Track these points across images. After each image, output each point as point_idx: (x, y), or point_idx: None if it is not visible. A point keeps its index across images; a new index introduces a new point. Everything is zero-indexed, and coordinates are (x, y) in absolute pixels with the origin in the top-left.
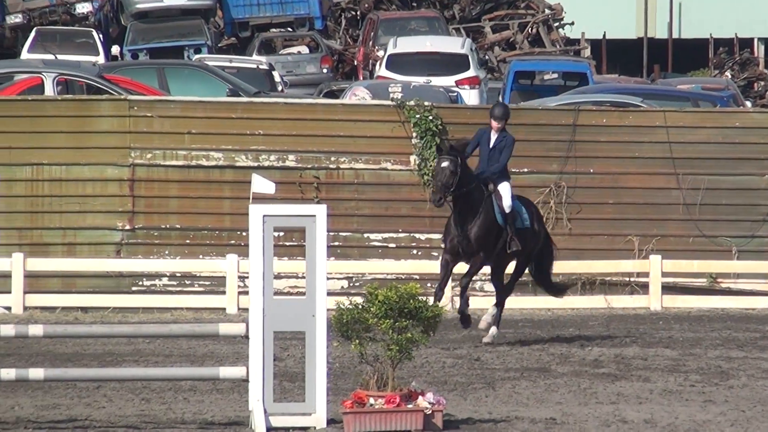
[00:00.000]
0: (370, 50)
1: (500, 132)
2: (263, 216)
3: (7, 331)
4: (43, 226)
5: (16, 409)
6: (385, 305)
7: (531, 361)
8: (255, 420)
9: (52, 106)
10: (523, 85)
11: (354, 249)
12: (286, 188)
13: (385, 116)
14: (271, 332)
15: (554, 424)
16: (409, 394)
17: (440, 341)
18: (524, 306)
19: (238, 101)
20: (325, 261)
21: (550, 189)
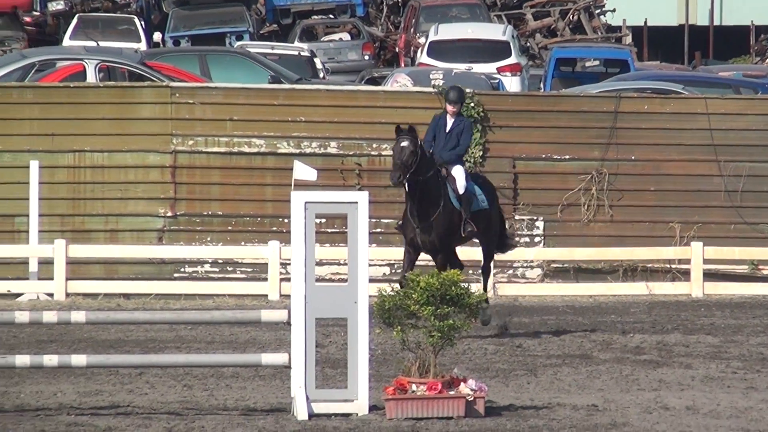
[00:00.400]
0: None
1: (456, 116)
2: (305, 203)
3: (49, 317)
4: (85, 213)
5: (58, 395)
6: (427, 292)
7: (573, 347)
8: (297, 406)
9: (94, 93)
10: (564, 72)
11: (396, 236)
12: (327, 175)
13: (427, 103)
14: (313, 319)
15: (596, 411)
16: (451, 380)
17: (482, 328)
18: (565, 293)
19: (280, 88)
20: (367, 247)
21: (591, 176)
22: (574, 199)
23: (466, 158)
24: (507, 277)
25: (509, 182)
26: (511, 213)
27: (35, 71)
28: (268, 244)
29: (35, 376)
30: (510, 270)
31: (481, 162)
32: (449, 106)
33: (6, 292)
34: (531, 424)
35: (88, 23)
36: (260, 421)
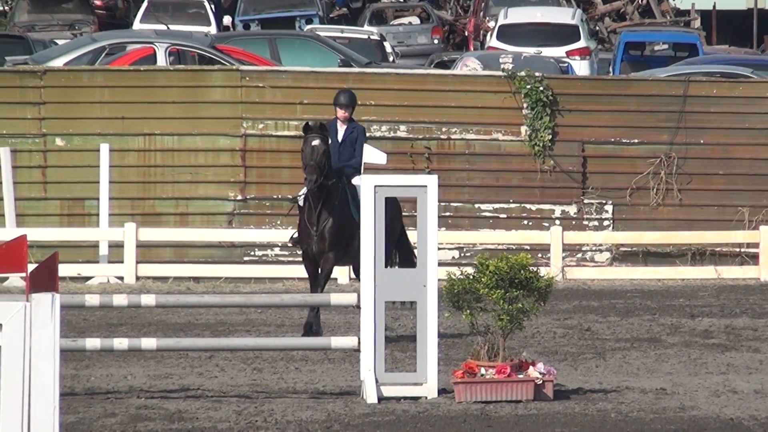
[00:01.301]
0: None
1: (348, 122)
2: (375, 186)
3: (119, 300)
4: (155, 197)
5: (128, 378)
6: (496, 275)
7: (641, 331)
8: (366, 389)
9: (164, 77)
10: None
11: (465, 219)
12: (397, 159)
13: (496, 87)
14: (382, 302)
15: (664, 394)
16: (520, 364)
17: (551, 311)
18: (634, 277)
19: (350, 71)
20: (437, 231)
21: (660, 160)
22: (643, 182)
23: (536, 142)
24: (576, 261)
25: (578, 166)
26: (580, 197)
27: (105, 55)
28: None
29: (105, 360)
30: (579, 254)
31: (550, 146)
32: (339, 111)
33: (76, 276)
34: (599, 408)
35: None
36: (330, 404)
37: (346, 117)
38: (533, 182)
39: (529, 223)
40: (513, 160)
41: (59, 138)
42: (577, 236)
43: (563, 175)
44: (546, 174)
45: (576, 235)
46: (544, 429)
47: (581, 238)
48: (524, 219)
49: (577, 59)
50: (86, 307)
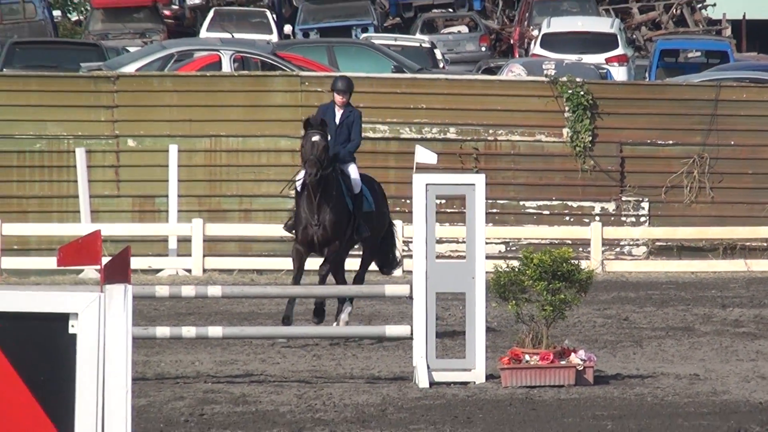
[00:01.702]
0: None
1: (345, 107)
2: (426, 185)
3: (188, 291)
4: (220, 194)
5: (196, 364)
6: (539, 268)
7: (676, 320)
8: (419, 375)
9: (229, 82)
10: (668, 62)
11: (510, 216)
12: (447, 159)
13: (540, 91)
14: (433, 293)
15: (697, 380)
16: (562, 351)
17: (591, 302)
18: (669, 269)
19: (403, 77)
20: (484, 227)
21: (693, 160)
22: (677, 181)
23: (577, 143)
24: (614, 255)
25: (616, 166)
26: (619, 195)
27: (174, 61)
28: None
29: (174, 347)
30: (617, 248)
31: (590, 147)
32: (337, 96)
33: (147, 268)
34: (637, 392)
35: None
36: (384, 388)
37: (344, 102)
38: (574, 181)
39: (570, 219)
40: (555, 160)
41: (131, 139)
42: (616, 231)
43: (602, 174)
44: (586, 173)
45: (614, 231)
46: (585, 412)
47: (619, 233)
48: (566, 215)
49: (616, 66)
50: (156, 297)
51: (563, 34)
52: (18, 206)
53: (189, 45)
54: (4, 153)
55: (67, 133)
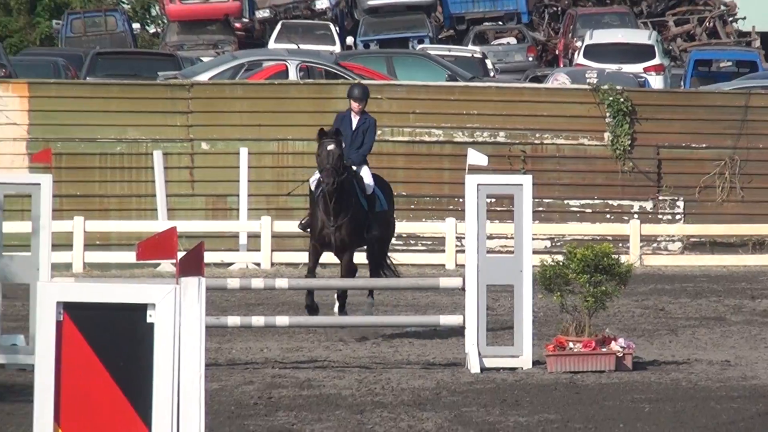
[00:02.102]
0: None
1: (362, 114)
2: (477, 185)
3: (257, 284)
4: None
5: (264, 351)
6: (582, 262)
7: (708, 311)
8: (470, 361)
9: (295, 90)
10: (701, 71)
11: (555, 213)
12: (497, 161)
13: (583, 98)
14: (484, 285)
15: (728, 366)
16: (603, 339)
17: (630, 294)
18: (702, 264)
19: (456, 85)
20: (531, 224)
21: (725, 162)
22: (709, 182)
23: (617, 146)
24: (652, 250)
25: (654, 167)
26: (656, 194)
27: (244, 70)
28: (445, 221)
29: (244, 335)
30: (654, 244)
31: (630, 150)
32: (354, 104)
33: (219, 262)
34: (672, 377)
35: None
36: (438, 373)
37: (360, 109)
38: (614, 181)
39: (611, 217)
40: (597, 162)
41: (204, 143)
42: (653, 228)
43: (641, 175)
44: (626, 174)
45: (652, 228)
46: (624, 396)
47: (656, 230)
48: (607, 213)
49: (653, 74)
50: (228, 289)
51: (604, 45)
52: (100, 204)
53: (258, 55)
54: (88, 155)
55: (145, 137)
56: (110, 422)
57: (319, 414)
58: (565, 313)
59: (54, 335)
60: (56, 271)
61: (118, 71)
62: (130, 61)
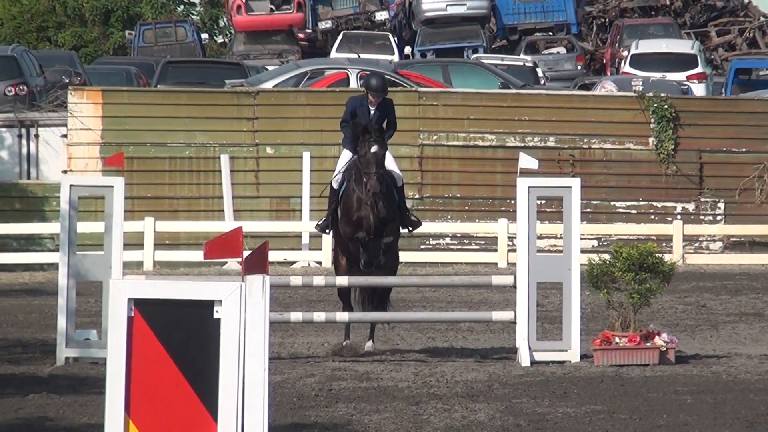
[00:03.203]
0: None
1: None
2: (528, 187)
3: (318, 281)
4: None
5: (325, 345)
6: (628, 261)
7: (747, 307)
8: (521, 355)
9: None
10: (742, 80)
11: (602, 214)
12: (547, 164)
13: (629, 105)
14: (534, 283)
15: (767, 360)
16: (648, 334)
17: (673, 291)
18: (742, 262)
19: (508, 92)
20: (579, 224)
21: (763, 165)
22: (749, 184)
23: (661, 151)
24: (694, 249)
25: (696, 170)
26: (698, 196)
27: (307, 78)
28: (497, 221)
29: (306, 330)
30: (696, 243)
31: (673, 154)
32: (371, 97)
33: (283, 261)
34: (713, 370)
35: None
36: (490, 367)
37: (376, 102)
38: (659, 184)
39: (655, 217)
40: (642, 165)
41: (269, 147)
42: (695, 229)
43: (683, 178)
44: (669, 177)
45: (694, 228)
46: (668, 388)
47: (698, 230)
48: (651, 214)
49: (696, 82)
50: (291, 286)
51: (649, 54)
52: (169, 206)
53: (320, 64)
54: (158, 159)
55: (212, 142)
56: (178, 414)
57: (377, 405)
58: (611, 310)
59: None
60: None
61: (187, 79)
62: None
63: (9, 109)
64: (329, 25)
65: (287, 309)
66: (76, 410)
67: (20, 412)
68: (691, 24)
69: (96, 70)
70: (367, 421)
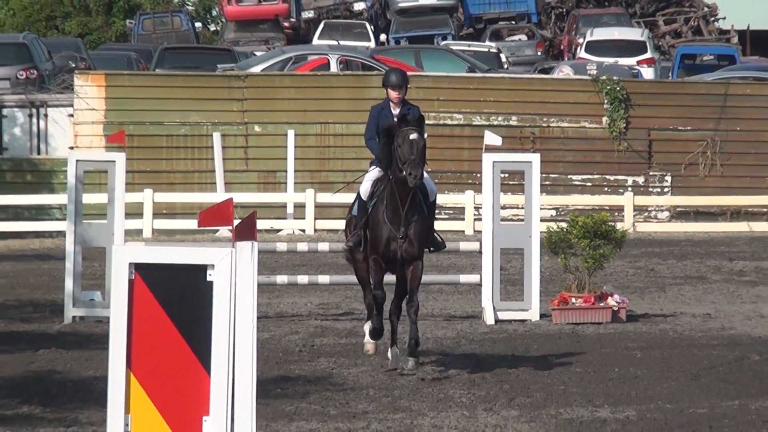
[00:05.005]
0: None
1: (402, 104)
2: (493, 162)
3: (302, 247)
4: (329, 169)
5: (308, 305)
6: (583, 229)
7: (692, 271)
8: (486, 314)
9: (335, 80)
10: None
11: (560, 187)
12: (509, 141)
13: (584, 87)
14: (498, 249)
15: (709, 318)
16: (601, 295)
17: (624, 256)
18: (687, 230)
19: (474, 76)
20: (539, 196)
21: (707, 142)
22: (693, 159)
23: (613, 129)
24: (643, 218)
25: (645, 147)
26: (647, 170)
27: (292, 63)
28: (465, 193)
29: (291, 291)
30: (645, 213)
31: (624, 132)
32: (392, 92)
33: (269, 229)
34: (661, 328)
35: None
36: (458, 325)
37: (400, 98)
38: (611, 159)
39: (608, 189)
40: (596, 142)
41: (257, 125)
42: (644, 200)
43: (634, 154)
44: (621, 153)
45: (643, 199)
46: (619, 344)
47: (647, 201)
48: (604, 186)
49: (645, 67)
50: (277, 251)
51: (603, 41)
52: (166, 179)
53: (303, 50)
54: (156, 136)
55: (205, 121)
56: (175, 367)
57: (355, 360)
58: (568, 273)
59: (127, 292)
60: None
61: (182, 64)
62: (192, 55)
63: (21, 91)
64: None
65: (273, 272)
66: (82, 364)
67: (32, 365)
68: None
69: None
70: (346, 374)
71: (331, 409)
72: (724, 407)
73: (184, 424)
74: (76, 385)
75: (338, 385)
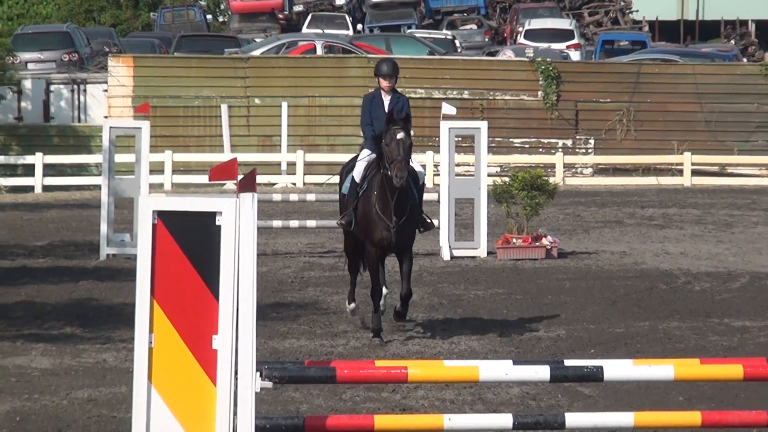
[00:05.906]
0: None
1: (392, 93)
2: (449, 128)
3: (293, 197)
4: (315, 134)
5: (298, 245)
6: (522, 182)
7: (611, 216)
8: (443, 252)
9: (321, 62)
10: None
11: (503, 148)
12: (463, 111)
13: (523, 67)
14: (453, 199)
15: (625, 255)
16: (537, 236)
17: (556, 204)
18: (606, 183)
19: (434, 58)
20: (486, 155)
21: (623, 112)
22: (612, 126)
23: (547, 101)
24: (571, 174)
25: (573, 116)
26: (574, 135)
27: (285, 48)
28: (425, 153)
29: (284, 234)
30: (573, 169)
31: (556, 103)
32: (383, 81)
33: (267, 183)
34: (585, 263)
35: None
36: (420, 261)
37: (390, 87)
38: (545, 126)
39: (542, 150)
40: (533, 112)
41: (257, 99)
42: (572, 159)
43: (564, 122)
44: (553, 120)
45: (571, 158)
46: (552, 276)
47: (574, 159)
48: (539, 148)
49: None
50: (273, 201)
51: (539, 30)
52: (183, 142)
53: (294, 37)
54: (175, 107)
55: (215, 95)
56: (190, 295)
57: (337, 289)
58: (509, 218)
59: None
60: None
61: (196, 49)
62: (204, 41)
63: (65, 70)
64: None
65: (270, 218)
66: (115, 293)
67: (73, 294)
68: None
69: (129, 42)
70: (329, 300)
71: (318, 329)
72: (637, 327)
73: (197, 341)
74: (110, 309)
75: (323, 309)
